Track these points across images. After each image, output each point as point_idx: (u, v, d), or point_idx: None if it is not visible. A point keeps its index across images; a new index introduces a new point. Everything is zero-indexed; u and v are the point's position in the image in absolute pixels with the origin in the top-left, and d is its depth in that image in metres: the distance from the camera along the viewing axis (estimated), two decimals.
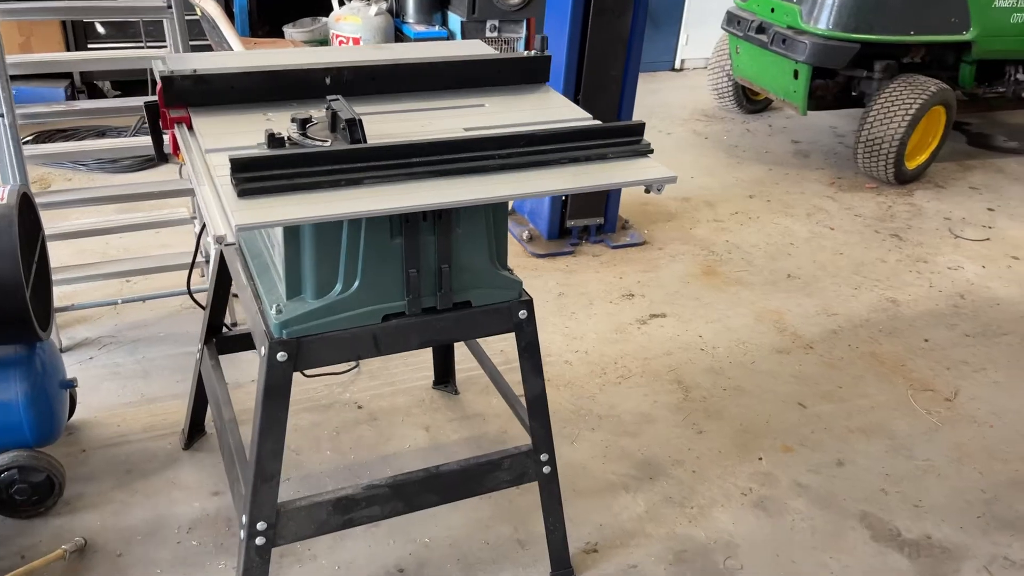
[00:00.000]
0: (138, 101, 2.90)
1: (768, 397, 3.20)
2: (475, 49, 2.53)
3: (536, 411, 2.21)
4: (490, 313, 2.04)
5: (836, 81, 5.32)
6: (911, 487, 2.81)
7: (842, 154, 5.62)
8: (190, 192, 3.13)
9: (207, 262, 3.33)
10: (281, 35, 5.66)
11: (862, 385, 3.31)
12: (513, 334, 2.09)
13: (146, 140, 2.46)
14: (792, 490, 2.76)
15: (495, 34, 5.59)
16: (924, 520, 2.68)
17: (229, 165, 1.61)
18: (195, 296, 2.65)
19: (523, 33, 5.65)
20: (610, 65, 3.81)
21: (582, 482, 2.72)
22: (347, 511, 2.07)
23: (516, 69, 2.27)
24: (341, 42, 5.33)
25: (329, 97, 1.89)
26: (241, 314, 3.33)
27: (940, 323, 3.77)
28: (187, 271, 2.60)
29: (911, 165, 5.10)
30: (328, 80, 2.07)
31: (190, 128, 1.93)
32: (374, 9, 5.30)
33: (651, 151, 1.91)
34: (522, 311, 2.08)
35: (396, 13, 5.52)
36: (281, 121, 1.94)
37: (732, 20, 5.44)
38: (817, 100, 5.23)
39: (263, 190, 1.61)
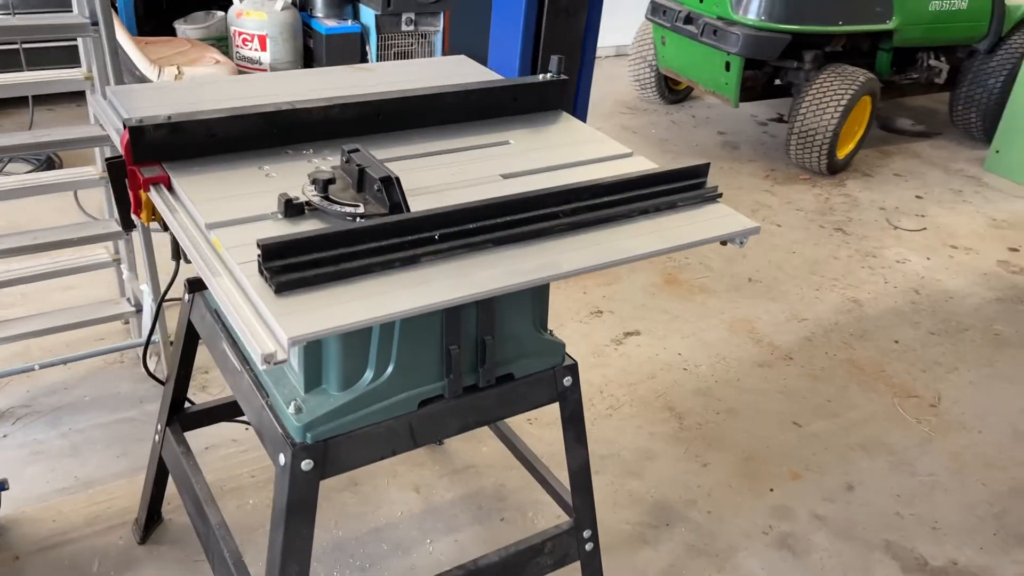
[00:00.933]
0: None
1: (762, 418, 3.07)
2: (465, 68, 2.23)
3: (580, 484, 1.96)
4: (533, 384, 1.77)
5: (763, 72, 5.26)
6: (924, 507, 2.73)
7: (769, 144, 5.59)
8: (115, 236, 2.68)
9: (136, 312, 2.88)
10: (172, 32, 5.10)
11: (849, 396, 3.23)
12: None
13: None
14: (811, 524, 2.63)
15: (411, 27, 5.24)
16: (945, 544, 2.60)
17: (257, 250, 1.28)
18: (149, 367, 2.24)
19: (440, 26, 5.32)
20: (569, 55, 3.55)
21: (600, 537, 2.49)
22: None
23: (532, 95, 1.99)
24: (245, 40, 4.85)
25: (347, 148, 1.56)
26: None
27: (904, 322, 3.75)
28: (112, 322, 2.18)
29: (840, 155, 5.10)
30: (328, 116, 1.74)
31: (170, 190, 1.56)
32: (280, 3, 4.84)
33: (720, 195, 1.68)
34: (567, 378, 1.82)
35: (303, 7, 5.07)
36: (284, 177, 1.60)
37: (657, 10, 5.27)
38: (746, 91, 5.15)
39: (304, 281, 1.28)
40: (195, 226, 1.44)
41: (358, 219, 1.45)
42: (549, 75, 2.00)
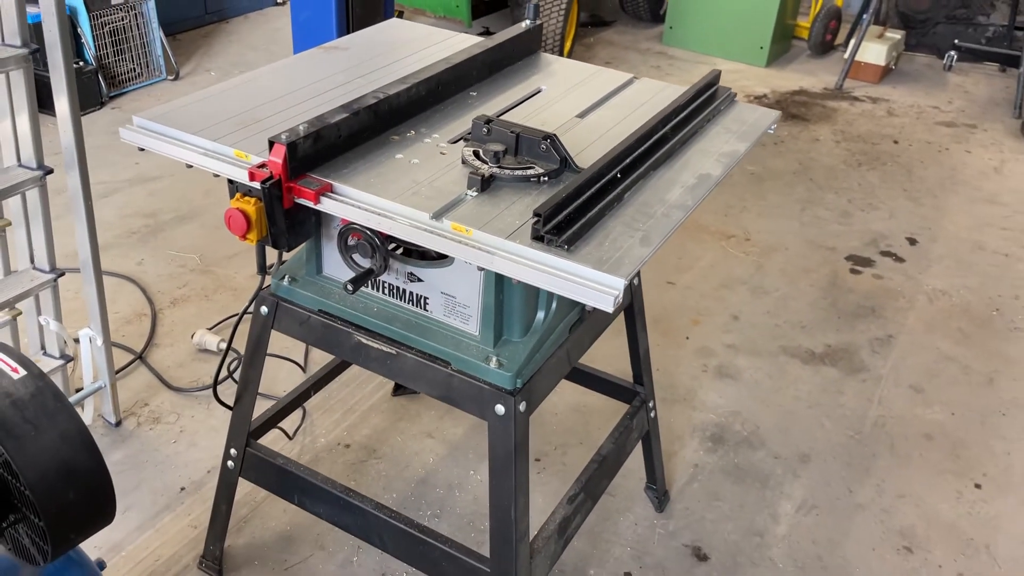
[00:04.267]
0: None
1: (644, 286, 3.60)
2: (415, 31, 2.34)
3: (647, 366, 2.32)
4: None
5: None
6: (788, 315, 3.48)
7: None
8: (39, 287, 2.37)
9: (65, 362, 2.58)
10: None
11: (691, 251, 3.88)
12: None
13: None
14: (728, 352, 3.24)
15: (122, 0, 4.79)
16: (815, 335, 3.37)
17: (536, 219, 1.42)
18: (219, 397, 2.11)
19: None
20: (374, 17, 3.63)
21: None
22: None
23: (523, 45, 2.19)
24: None
25: (475, 119, 1.70)
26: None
27: None
28: None
29: (565, 53, 5.70)
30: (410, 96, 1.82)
31: (323, 197, 1.57)
32: None
33: (736, 94, 2.07)
34: (634, 280, 2.14)
35: None
36: (425, 161, 1.69)
37: None
38: (475, 8, 5.49)
39: (577, 235, 1.46)
40: (409, 222, 1.51)
41: (541, 179, 1.62)
42: (527, 22, 2.20)
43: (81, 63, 4.69)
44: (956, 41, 6.15)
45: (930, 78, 6.11)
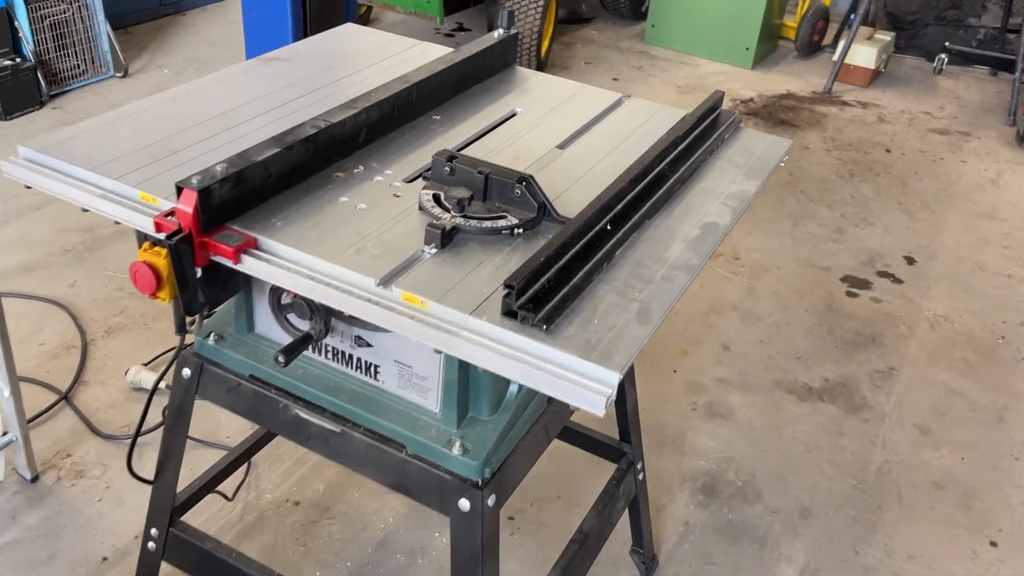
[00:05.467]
0: None
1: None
2: (368, 37, 2.04)
3: (634, 424, 2.04)
4: None
5: None
6: (782, 344, 3.22)
7: None
8: None
9: None
10: None
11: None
12: None
13: None
14: (719, 388, 2.98)
15: None
16: (812, 367, 3.12)
17: (506, 291, 1.13)
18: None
19: None
20: (333, 16, 3.32)
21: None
22: None
23: (496, 57, 1.89)
24: None
25: (436, 155, 1.40)
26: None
27: None
28: None
29: (543, 54, 5.40)
30: (363, 130, 1.52)
31: (245, 255, 1.27)
32: None
33: (741, 119, 1.79)
34: None
35: None
36: (375, 206, 1.39)
37: None
38: (448, 4, 5.18)
39: (559, 309, 1.17)
40: (351, 289, 1.22)
41: (515, 231, 1.33)
42: (501, 31, 1.91)
43: (18, 59, 4.32)
44: (947, 43, 5.92)
45: (920, 82, 5.88)
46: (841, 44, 5.64)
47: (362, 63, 1.89)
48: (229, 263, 1.27)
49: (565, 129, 1.70)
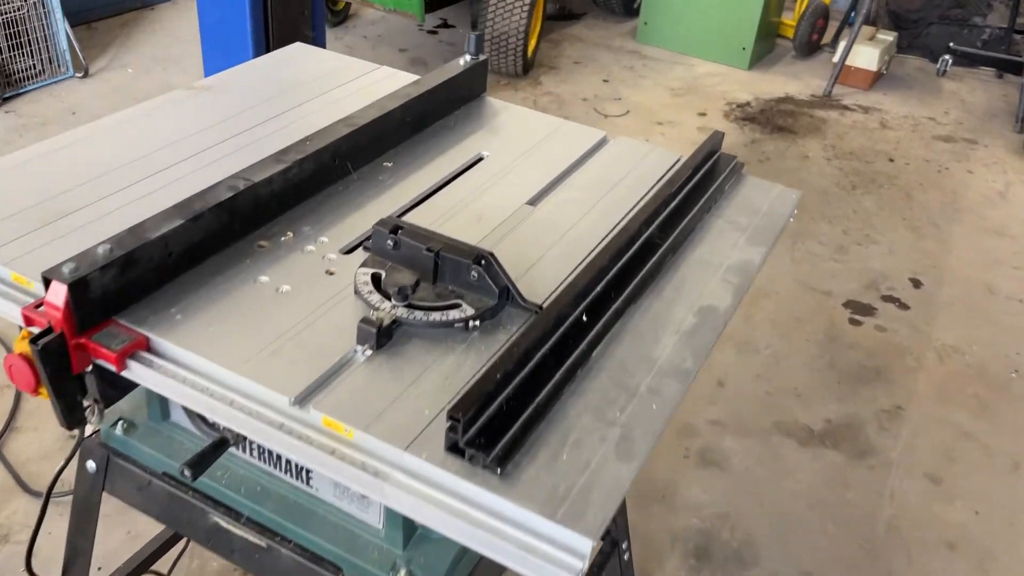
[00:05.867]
0: None
1: None
2: (319, 59, 1.79)
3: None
4: None
5: None
6: (780, 380, 2.99)
7: (454, 53, 5.43)
8: None
9: None
10: None
11: None
12: None
13: None
14: (713, 432, 2.75)
15: None
16: (813, 406, 2.89)
17: (451, 422, 0.89)
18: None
19: None
20: (299, 22, 3.05)
21: None
22: None
23: (463, 87, 1.64)
24: None
25: (377, 225, 1.16)
26: None
27: None
28: None
29: (529, 53, 5.14)
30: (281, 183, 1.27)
31: (133, 360, 1.03)
32: None
33: (743, 164, 1.55)
34: None
35: None
36: (302, 287, 1.15)
37: None
38: (429, 2, 4.91)
39: (515, 444, 0.93)
40: (261, 410, 0.97)
41: (470, 323, 1.09)
42: (468, 57, 1.66)
43: None
44: (951, 44, 5.68)
45: (923, 84, 5.64)
46: (842, 44, 5.39)
47: (308, 93, 1.64)
48: (112, 368, 1.02)
49: (538, 179, 1.45)
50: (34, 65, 4.39)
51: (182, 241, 1.11)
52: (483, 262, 1.10)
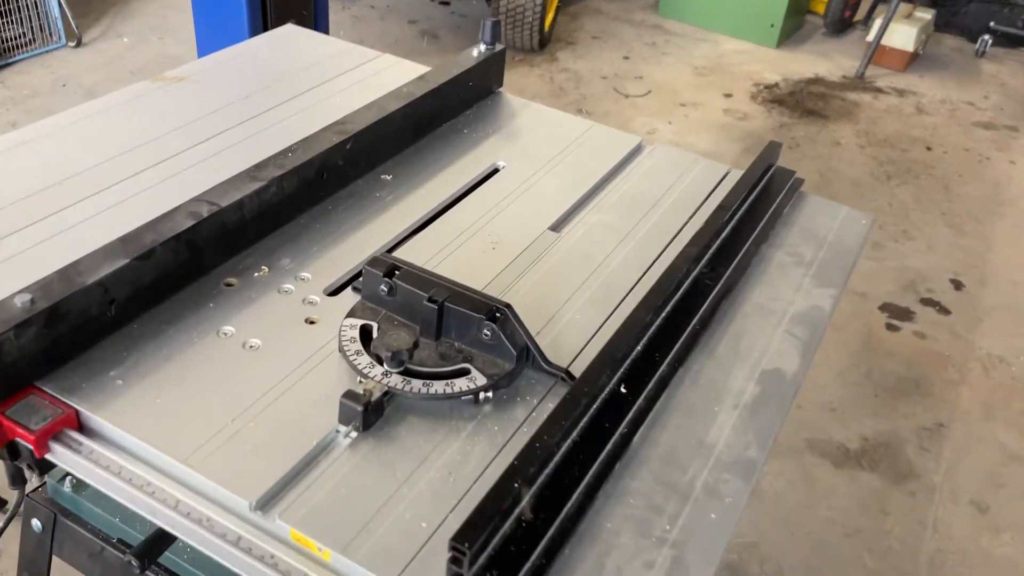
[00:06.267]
0: None
1: None
2: (315, 43, 1.56)
3: None
4: None
5: None
6: (814, 392, 2.78)
7: (465, 26, 5.17)
8: None
9: None
10: None
11: None
12: None
13: None
14: None
15: None
16: (849, 424, 2.68)
17: (450, 551, 0.68)
18: None
19: None
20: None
21: None
22: None
23: (476, 82, 1.41)
24: None
25: (369, 265, 0.94)
26: None
27: None
28: None
29: (547, 27, 4.87)
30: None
31: (55, 442, 0.82)
32: None
33: (802, 180, 1.32)
34: None
35: None
36: (276, 344, 0.93)
37: None
38: None
39: (540, 572, 0.72)
40: (215, 517, 0.77)
41: (481, 396, 0.88)
42: (482, 47, 1.43)
43: None
44: (991, 23, 5.38)
45: (961, 66, 5.35)
46: (877, 22, 5.09)
47: (297, 87, 1.41)
48: (31, 449, 0.82)
49: (563, 196, 1.23)
50: (24, 33, 4.16)
51: (127, 284, 0.90)
52: (498, 317, 0.89)
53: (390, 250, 1.10)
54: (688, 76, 4.84)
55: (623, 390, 0.88)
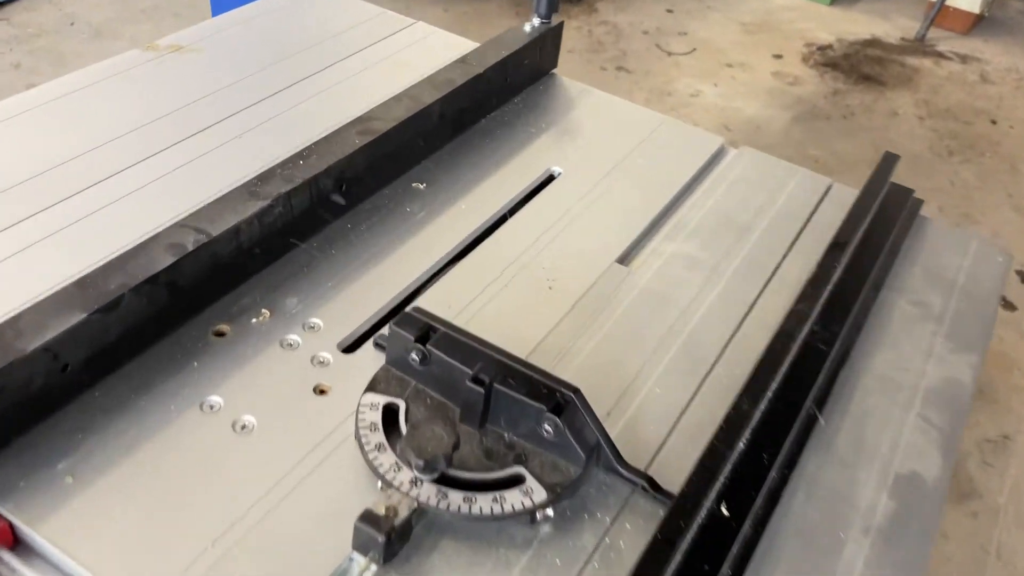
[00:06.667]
0: None
1: None
2: (342, 10, 1.33)
3: None
4: None
5: None
6: None
7: None
8: None
9: None
10: None
11: None
12: None
13: None
14: None
15: None
16: None
17: None
18: None
19: None
20: None
21: None
22: None
23: (527, 64, 1.18)
24: None
25: (395, 323, 0.73)
26: None
27: None
28: None
29: None
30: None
31: (13, 549, 0.63)
32: None
33: (922, 202, 1.09)
34: None
35: None
36: (274, 433, 0.73)
37: None
38: None
39: None
40: None
41: (539, 516, 0.67)
42: (536, 22, 1.19)
43: None
44: None
45: None
46: None
47: (315, 63, 1.19)
48: None
49: (633, 216, 1.00)
50: None
51: (85, 345, 0.69)
52: (564, 407, 0.68)
53: (423, 285, 0.88)
54: (735, 34, 4.53)
55: (724, 511, 0.67)
